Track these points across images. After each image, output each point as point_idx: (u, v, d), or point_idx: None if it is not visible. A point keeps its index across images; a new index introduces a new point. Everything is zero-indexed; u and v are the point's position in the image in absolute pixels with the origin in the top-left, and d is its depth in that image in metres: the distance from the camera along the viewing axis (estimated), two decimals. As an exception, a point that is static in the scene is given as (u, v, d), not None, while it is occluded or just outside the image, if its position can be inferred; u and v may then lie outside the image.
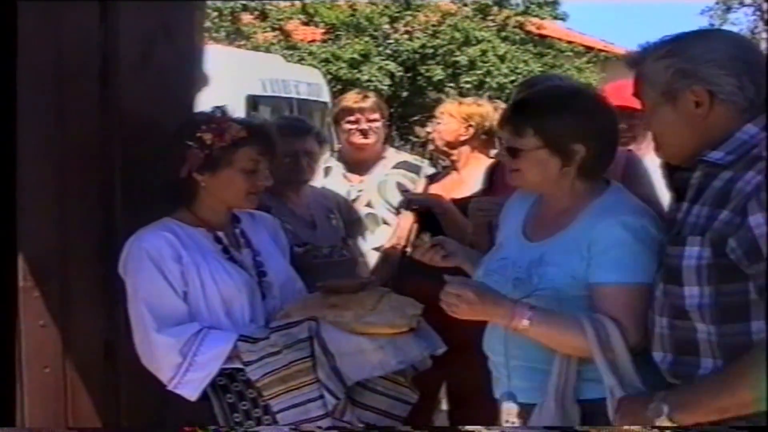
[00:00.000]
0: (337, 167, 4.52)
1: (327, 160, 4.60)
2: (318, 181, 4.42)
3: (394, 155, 4.61)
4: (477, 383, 3.75)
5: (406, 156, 4.71)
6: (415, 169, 4.48)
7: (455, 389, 4.09)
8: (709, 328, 2.18)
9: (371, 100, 4.52)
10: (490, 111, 4.18)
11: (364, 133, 4.44)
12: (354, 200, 4.35)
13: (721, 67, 2.20)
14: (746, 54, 2.25)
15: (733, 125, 2.19)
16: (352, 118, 4.44)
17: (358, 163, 4.50)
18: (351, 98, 4.57)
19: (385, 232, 4.31)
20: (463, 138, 4.12)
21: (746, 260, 2.09)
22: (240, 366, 2.73)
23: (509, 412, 2.60)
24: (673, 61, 2.25)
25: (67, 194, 2.82)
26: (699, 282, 2.18)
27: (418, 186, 4.31)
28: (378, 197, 4.39)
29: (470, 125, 4.11)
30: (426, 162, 4.67)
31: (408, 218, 4.15)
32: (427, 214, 4.00)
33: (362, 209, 4.33)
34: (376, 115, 4.47)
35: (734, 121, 2.19)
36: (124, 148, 2.92)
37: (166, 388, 2.73)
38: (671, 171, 2.38)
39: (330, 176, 4.49)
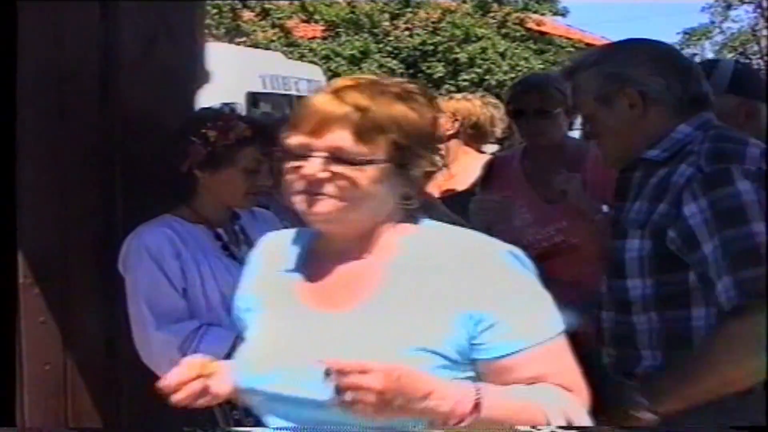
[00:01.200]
0: None
1: None
2: None
3: None
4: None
5: None
6: None
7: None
8: (651, 317, 2.26)
9: None
10: (477, 106, 4.21)
11: None
12: None
13: (647, 68, 2.33)
14: (669, 56, 2.40)
15: (668, 124, 2.29)
16: None
17: None
18: None
19: None
20: (449, 132, 4.15)
21: (686, 249, 2.18)
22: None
23: None
24: (602, 67, 2.37)
25: (68, 191, 2.82)
26: (641, 274, 2.25)
27: None
28: None
29: (456, 120, 4.14)
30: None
31: None
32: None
33: None
34: None
35: (668, 121, 2.30)
36: (125, 145, 2.92)
37: (167, 385, 2.74)
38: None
39: None
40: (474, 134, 4.17)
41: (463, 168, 4.07)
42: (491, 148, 4.48)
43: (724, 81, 2.90)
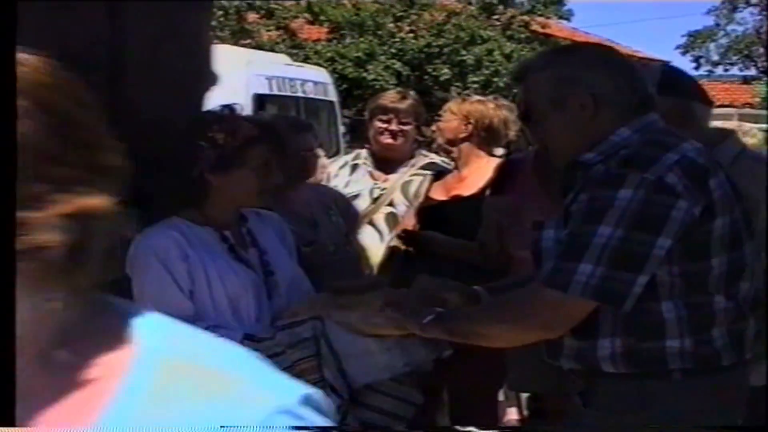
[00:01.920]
0: (365, 164, 4.50)
1: (355, 156, 4.60)
2: (344, 177, 4.43)
3: (423, 157, 4.54)
4: (477, 381, 3.78)
5: (435, 158, 4.61)
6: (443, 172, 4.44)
7: (455, 388, 4.09)
8: None
9: (409, 102, 4.45)
10: (491, 108, 4.18)
11: (393, 135, 4.40)
12: (376, 198, 4.34)
13: (597, 71, 2.38)
14: (618, 59, 2.47)
15: (614, 126, 2.34)
16: (384, 118, 4.40)
17: (385, 162, 4.47)
18: (389, 97, 4.53)
19: None
20: (462, 135, 4.12)
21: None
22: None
23: None
24: (554, 71, 2.42)
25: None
26: (550, 258, 2.31)
27: (424, 184, 4.30)
28: (400, 197, 4.36)
29: (469, 122, 4.12)
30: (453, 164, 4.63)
31: (412, 217, 4.16)
32: (432, 213, 4.00)
33: (383, 208, 4.31)
34: (410, 118, 4.41)
35: (616, 122, 2.35)
36: (132, 146, 2.91)
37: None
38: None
39: (356, 173, 4.48)
40: (487, 137, 4.15)
41: (475, 171, 4.05)
42: (499, 151, 4.45)
43: (654, 84, 2.91)
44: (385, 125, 4.39)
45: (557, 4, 21.18)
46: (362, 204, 4.29)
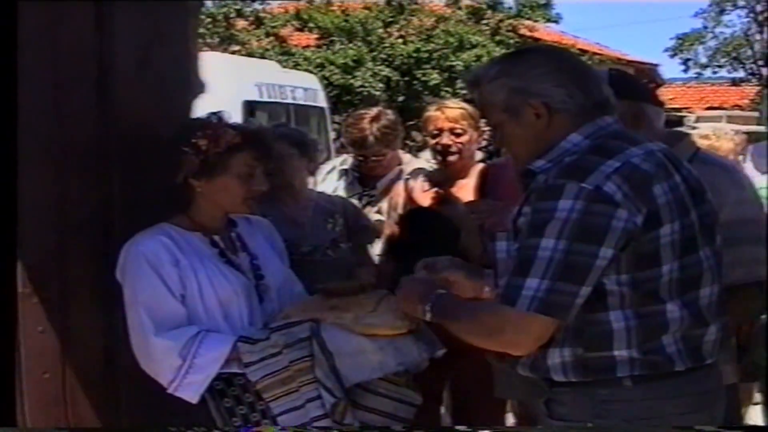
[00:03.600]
0: (353, 170, 4.49)
1: (343, 161, 4.60)
2: (331, 182, 4.42)
3: (411, 162, 4.52)
4: (479, 382, 3.77)
5: (422, 162, 4.58)
6: None
7: (457, 389, 4.09)
8: None
9: (378, 129, 4.37)
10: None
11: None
12: (365, 206, 4.32)
13: (547, 79, 2.38)
14: (567, 64, 2.45)
15: (568, 132, 2.35)
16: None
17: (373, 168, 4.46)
18: (360, 128, 4.48)
19: None
20: (477, 143, 4.08)
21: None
22: (237, 371, 2.74)
23: None
24: (505, 80, 2.42)
25: (66, 200, 2.83)
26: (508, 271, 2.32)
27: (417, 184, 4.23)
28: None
29: (478, 126, 4.06)
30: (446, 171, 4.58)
31: (393, 227, 4.12)
32: (414, 221, 3.95)
33: (372, 215, 4.30)
34: (390, 137, 4.40)
35: (570, 128, 2.36)
36: (122, 153, 2.93)
37: (166, 392, 2.74)
38: None
39: (344, 178, 4.47)
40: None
41: (472, 179, 4.01)
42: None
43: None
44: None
45: (545, 8, 21.20)
46: None
